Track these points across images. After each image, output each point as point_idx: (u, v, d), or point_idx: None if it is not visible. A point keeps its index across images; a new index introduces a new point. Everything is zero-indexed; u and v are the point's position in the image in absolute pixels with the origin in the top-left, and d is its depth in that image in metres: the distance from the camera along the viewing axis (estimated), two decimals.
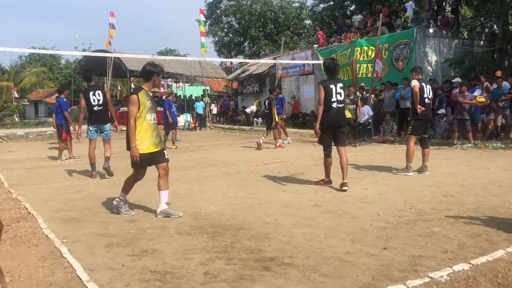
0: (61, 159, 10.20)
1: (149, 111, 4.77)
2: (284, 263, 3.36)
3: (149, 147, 4.77)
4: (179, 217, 4.72)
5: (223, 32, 37.16)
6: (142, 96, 4.73)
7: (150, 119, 4.80)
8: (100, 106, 7.54)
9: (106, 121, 7.71)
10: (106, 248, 3.79)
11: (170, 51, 56.17)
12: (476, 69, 14.20)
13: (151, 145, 4.78)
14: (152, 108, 4.83)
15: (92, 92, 7.53)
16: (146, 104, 4.74)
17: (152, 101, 4.84)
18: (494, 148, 10.36)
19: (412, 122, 7.45)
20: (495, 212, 4.70)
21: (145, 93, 4.79)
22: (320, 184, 6.41)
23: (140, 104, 4.69)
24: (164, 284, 3.01)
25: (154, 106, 4.90)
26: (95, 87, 7.70)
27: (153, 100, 4.91)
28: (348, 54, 17.52)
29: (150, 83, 4.89)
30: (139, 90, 4.80)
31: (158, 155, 4.86)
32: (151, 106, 4.81)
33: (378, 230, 4.16)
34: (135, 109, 4.67)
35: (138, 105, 4.68)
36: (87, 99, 7.51)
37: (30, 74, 38.25)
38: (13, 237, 4.17)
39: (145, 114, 4.74)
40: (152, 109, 4.82)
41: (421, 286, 2.88)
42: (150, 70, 4.83)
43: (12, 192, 6.34)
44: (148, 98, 4.78)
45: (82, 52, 29.47)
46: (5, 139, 17.21)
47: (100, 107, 7.55)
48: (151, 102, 4.81)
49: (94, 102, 7.50)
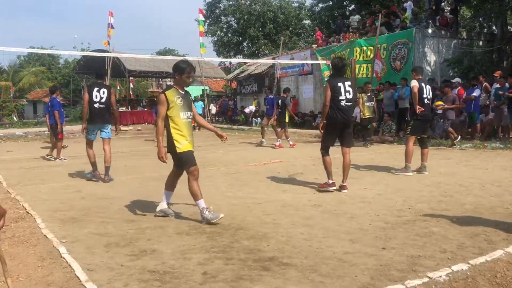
0: (60, 158, 10.17)
1: (182, 109, 4.58)
2: (283, 263, 3.36)
3: (188, 145, 4.61)
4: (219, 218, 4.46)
5: (222, 32, 37.14)
6: (171, 95, 4.55)
7: (185, 117, 4.60)
8: (101, 105, 7.22)
9: (106, 121, 7.36)
10: (105, 248, 3.79)
11: (169, 50, 56.09)
12: (475, 69, 14.23)
13: (189, 143, 4.63)
14: (185, 106, 4.62)
15: (97, 88, 7.26)
16: (177, 103, 4.55)
17: (185, 99, 4.64)
18: (493, 148, 10.37)
19: (412, 122, 7.46)
20: (494, 212, 4.71)
21: (174, 91, 4.61)
22: (325, 187, 6.08)
23: (169, 103, 4.51)
24: (163, 284, 3.01)
25: (188, 104, 4.68)
26: (101, 85, 7.41)
27: (187, 98, 4.70)
28: (347, 54, 17.53)
29: (180, 81, 4.67)
30: (167, 89, 4.63)
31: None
32: (183, 104, 4.60)
33: (377, 230, 4.16)
34: (163, 109, 4.51)
35: (166, 105, 4.51)
36: (90, 94, 7.20)
37: (29, 74, 38.24)
38: (12, 237, 4.16)
39: (179, 113, 4.56)
40: (185, 107, 4.61)
41: (420, 286, 2.88)
42: (180, 67, 4.63)
43: (11, 192, 6.33)
44: (179, 96, 4.59)
45: (81, 52, 29.44)
46: (3, 139, 17.18)
47: (101, 106, 7.22)
48: (183, 100, 4.61)
49: (96, 98, 7.18)
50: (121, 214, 4.98)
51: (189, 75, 4.67)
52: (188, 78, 4.67)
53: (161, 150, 4.55)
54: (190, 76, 4.68)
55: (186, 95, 4.72)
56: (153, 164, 9.25)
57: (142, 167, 8.77)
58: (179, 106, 4.57)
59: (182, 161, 4.65)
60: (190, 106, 4.73)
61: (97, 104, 7.21)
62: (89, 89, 7.31)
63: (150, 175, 7.67)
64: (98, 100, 7.20)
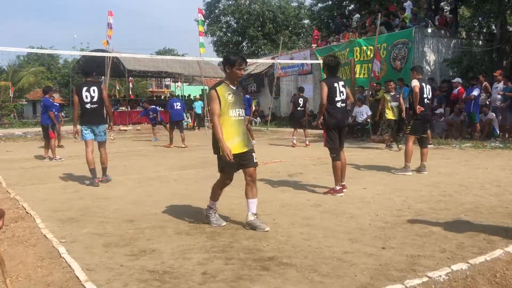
0: (55, 159, 10.16)
1: (231, 106, 4.23)
2: (283, 263, 3.36)
3: (235, 147, 4.20)
4: (265, 231, 4.15)
5: (222, 32, 37.12)
6: (222, 90, 4.22)
7: (234, 115, 4.25)
8: (94, 104, 6.83)
9: (100, 122, 6.98)
10: (104, 248, 3.78)
11: (169, 50, 56.10)
12: (474, 69, 14.23)
13: (237, 145, 4.24)
14: (236, 103, 4.27)
15: (85, 88, 6.83)
16: (228, 99, 4.21)
17: (236, 95, 4.29)
18: (493, 147, 10.38)
19: (412, 122, 7.45)
20: (493, 212, 4.71)
21: (225, 86, 4.27)
22: (331, 193, 5.83)
23: (220, 99, 4.19)
24: (163, 284, 3.01)
25: (239, 100, 4.34)
26: (90, 83, 6.95)
27: (238, 93, 4.38)
28: (346, 54, 17.53)
29: (232, 75, 4.30)
30: (218, 84, 4.29)
31: (246, 157, 4.31)
32: (234, 100, 4.26)
33: (377, 229, 4.16)
34: (215, 105, 4.18)
35: (218, 101, 4.18)
36: (79, 95, 6.82)
37: (28, 74, 38.22)
38: (11, 237, 4.16)
39: (228, 110, 4.21)
40: (236, 104, 4.26)
41: (419, 285, 2.88)
42: (231, 59, 4.27)
43: (10, 192, 6.32)
44: (230, 92, 4.24)
45: (80, 52, 29.38)
46: (3, 138, 17.17)
47: (94, 105, 6.84)
48: (234, 96, 4.27)
49: (86, 99, 6.80)
50: (120, 214, 4.97)
51: (241, 67, 4.30)
52: (240, 70, 4.30)
53: (225, 148, 4.12)
54: (242, 68, 4.32)
55: (238, 91, 4.39)
56: (152, 164, 9.28)
57: (141, 167, 8.77)
58: (229, 103, 4.22)
59: (220, 165, 4.34)
60: (241, 103, 4.41)
61: (88, 104, 6.84)
62: (77, 91, 6.89)
63: (149, 175, 7.67)
64: (89, 101, 6.83)
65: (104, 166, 7.07)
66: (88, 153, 6.93)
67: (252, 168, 4.32)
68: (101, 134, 7.01)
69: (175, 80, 30.21)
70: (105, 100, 7.03)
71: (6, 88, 33.74)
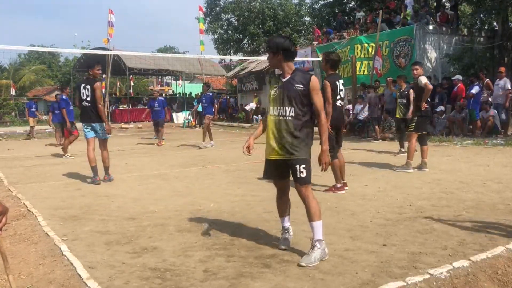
0: (65, 156, 10.22)
1: (271, 103, 3.54)
2: (284, 260, 3.36)
3: (271, 152, 3.52)
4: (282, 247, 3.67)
5: (223, 30, 37.09)
6: (272, 82, 3.61)
7: (273, 113, 3.50)
8: (88, 102, 6.83)
9: (94, 120, 6.86)
10: (106, 246, 3.79)
11: (170, 48, 56.07)
12: (475, 65, 14.19)
13: (271, 151, 3.53)
14: (277, 99, 3.48)
15: (83, 85, 6.89)
16: (271, 93, 3.55)
17: (281, 89, 3.45)
18: (494, 144, 10.36)
19: (416, 119, 7.42)
20: (494, 209, 4.71)
21: (275, 79, 3.58)
22: (332, 191, 5.80)
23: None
24: (164, 282, 3.01)
25: (282, 96, 3.44)
26: (88, 81, 6.95)
27: (284, 88, 3.44)
28: (347, 51, 17.48)
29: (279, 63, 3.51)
30: (272, 75, 3.70)
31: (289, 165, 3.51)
32: (276, 95, 3.49)
33: (378, 227, 4.16)
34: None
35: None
36: (78, 92, 6.90)
37: (29, 72, 38.26)
38: (13, 235, 4.17)
39: (269, 107, 3.57)
40: (276, 100, 3.49)
41: (420, 282, 2.88)
42: (276, 42, 3.49)
43: (12, 190, 6.34)
44: (276, 86, 3.52)
45: (81, 50, 29.43)
46: (4, 137, 17.20)
47: (88, 104, 6.84)
48: (278, 90, 3.47)
49: (83, 96, 6.84)
50: (121, 212, 4.98)
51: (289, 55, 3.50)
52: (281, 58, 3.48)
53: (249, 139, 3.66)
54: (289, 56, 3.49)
55: (287, 83, 3.45)
56: (153, 162, 9.29)
57: (142, 164, 8.79)
58: (271, 98, 3.56)
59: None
60: (284, 100, 3.45)
61: (84, 102, 6.87)
62: (77, 87, 7.05)
63: (150, 173, 7.68)
64: (85, 98, 6.86)
65: (105, 165, 7.01)
66: (89, 151, 6.90)
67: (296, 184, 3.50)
68: (100, 132, 6.94)
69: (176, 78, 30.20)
70: (97, 99, 6.84)
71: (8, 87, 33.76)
